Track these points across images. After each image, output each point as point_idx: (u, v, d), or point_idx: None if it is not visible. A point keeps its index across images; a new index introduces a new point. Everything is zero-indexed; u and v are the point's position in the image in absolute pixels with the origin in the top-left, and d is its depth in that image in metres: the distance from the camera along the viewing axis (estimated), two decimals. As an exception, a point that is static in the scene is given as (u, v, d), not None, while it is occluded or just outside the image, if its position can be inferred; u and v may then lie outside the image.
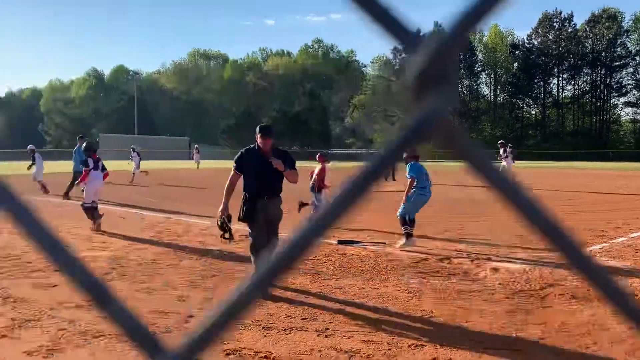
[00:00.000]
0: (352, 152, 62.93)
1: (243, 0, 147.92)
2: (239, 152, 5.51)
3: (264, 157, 5.27)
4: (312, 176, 9.52)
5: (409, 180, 7.49)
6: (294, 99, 70.78)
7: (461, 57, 62.87)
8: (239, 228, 6.12)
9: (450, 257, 6.94)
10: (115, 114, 79.16)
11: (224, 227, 5.41)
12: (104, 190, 10.25)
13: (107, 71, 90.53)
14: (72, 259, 0.40)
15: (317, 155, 9.91)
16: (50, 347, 3.80)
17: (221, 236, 5.54)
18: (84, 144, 9.82)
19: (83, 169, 9.27)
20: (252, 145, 5.46)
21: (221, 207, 5.40)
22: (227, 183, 5.42)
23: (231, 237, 5.51)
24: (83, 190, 9.24)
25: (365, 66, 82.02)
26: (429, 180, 7.69)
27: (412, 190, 7.52)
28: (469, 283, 5.69)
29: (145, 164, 24.43)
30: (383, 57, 71.99)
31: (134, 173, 20.91)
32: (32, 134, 77.05)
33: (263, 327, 4.28)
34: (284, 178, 5.40)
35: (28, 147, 16.48)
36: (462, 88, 68.10)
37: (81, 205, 9.17)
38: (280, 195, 5.48)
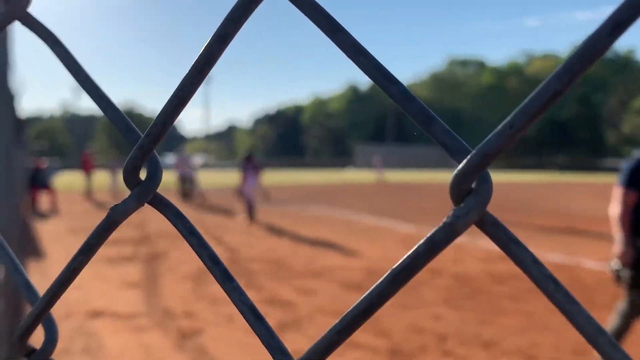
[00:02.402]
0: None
1: (502, 2, 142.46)
2: (633, 161, 3.59)
3: None
4: None
5: None
6: (560, 105, 65.21)
7: None
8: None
9: None
10: (370, 124, 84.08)
11: (623, 278, 3.63)
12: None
13: (362, 85, 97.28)
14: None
15: None
16: (311, 351, 4.06)
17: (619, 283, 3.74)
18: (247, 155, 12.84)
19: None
20: None
21: (619, 248, 3.57)
22: (620, 210, 3.56)
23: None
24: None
25: (648, 65, 71.21)
26: None
27: None
28: None
29: (392, 175, 25.09)
30: (674, 53, 61.28)
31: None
32: (293, 146, 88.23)
33: (527, 356, 3.98)
34: None
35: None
36: None
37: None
38: None
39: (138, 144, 0.40)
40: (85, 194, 18.82)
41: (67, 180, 27.54)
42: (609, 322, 3.75)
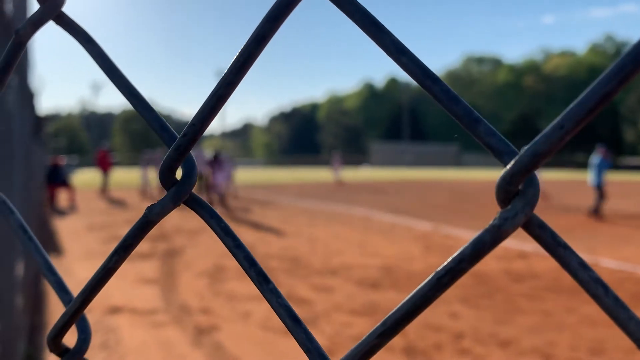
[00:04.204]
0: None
1: None
2: None
3: None
4: None
5: None
6: (578, 103, 64.58)
7: None
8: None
9: None
10: (386, 122, 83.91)
11: None
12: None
13: (378, 83, 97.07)
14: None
15: None
16: (327, 349, 4.05)
17: None
18: (214, 152, 16.12)
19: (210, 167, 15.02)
20: None
21: None
22: None
23: None
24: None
25: (670, 61, 70.14)
26: None
27: None
28: None
29: (404, 173, 24.99)
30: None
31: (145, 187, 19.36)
32: (309, 143, 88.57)
33: (544, 355, 3.97)
34: None
35: None
36: None
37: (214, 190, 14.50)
38: None
39: (175, 144, 0.40)
40: (101, 191, 18.97)
41: (85, 178, 27.84)
42: None
